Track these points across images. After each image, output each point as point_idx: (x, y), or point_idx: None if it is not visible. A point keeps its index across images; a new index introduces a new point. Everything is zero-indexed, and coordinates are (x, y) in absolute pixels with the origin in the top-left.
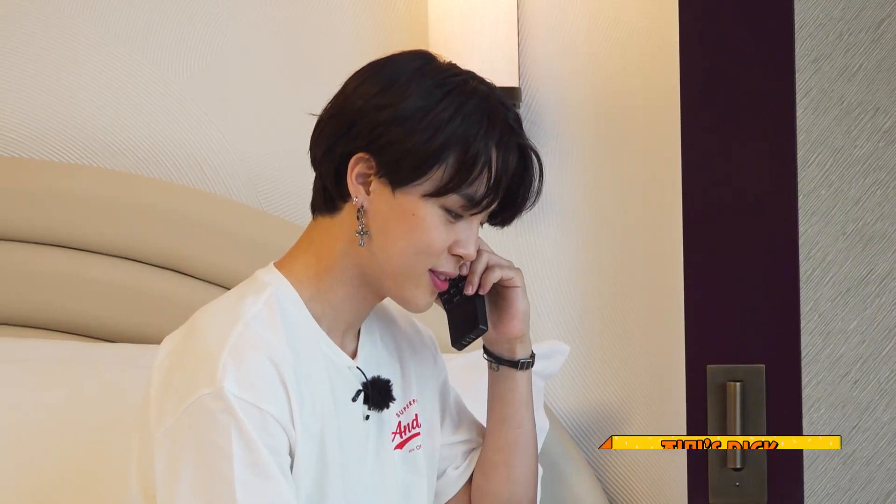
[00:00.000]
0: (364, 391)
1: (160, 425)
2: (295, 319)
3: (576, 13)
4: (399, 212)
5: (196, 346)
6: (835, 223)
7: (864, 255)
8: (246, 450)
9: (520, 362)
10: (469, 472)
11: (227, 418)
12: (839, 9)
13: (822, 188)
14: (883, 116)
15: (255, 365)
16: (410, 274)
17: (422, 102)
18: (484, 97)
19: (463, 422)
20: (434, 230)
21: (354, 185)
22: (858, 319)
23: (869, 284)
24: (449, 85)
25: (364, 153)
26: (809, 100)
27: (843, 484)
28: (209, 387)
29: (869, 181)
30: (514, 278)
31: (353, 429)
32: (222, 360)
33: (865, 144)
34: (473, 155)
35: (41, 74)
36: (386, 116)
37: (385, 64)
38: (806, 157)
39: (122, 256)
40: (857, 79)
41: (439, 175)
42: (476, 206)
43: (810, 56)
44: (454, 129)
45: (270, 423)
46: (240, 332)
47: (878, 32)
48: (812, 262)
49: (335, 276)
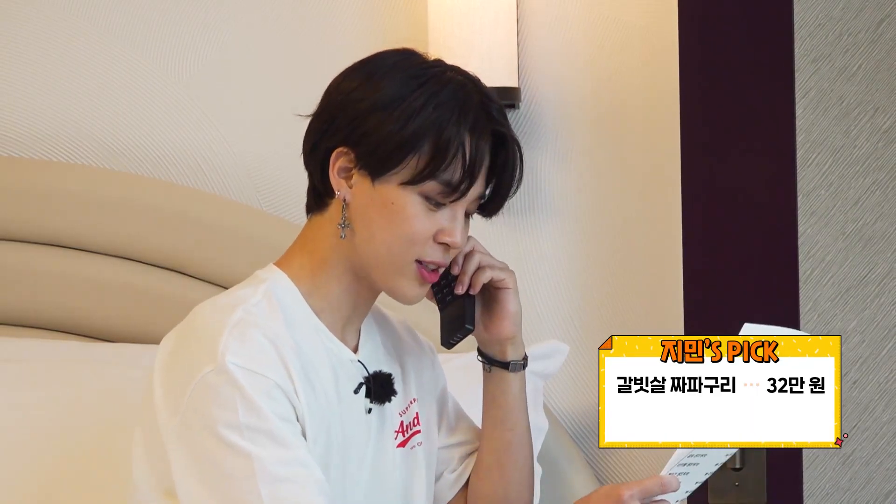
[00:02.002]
0: (366, 385)
1: (169, 418)
2: (294, 312)
3: (575, 13)
4: (379, 202)
5: (196, 334)
6: (834, 223)
7: (864, 255)
8: (255, 418)
9: (510, 363)
10: (465, 475)
11: (231, 390)
12: (838, 9)
13: (822, 188)
14: (882, 116)
15: (257, 340)
16: (396, 264)
17: (396, 93)
18: (460, 86)
19: (460, 425)
20: (414, 219)
21: (336, 179)
22: (858, 319)
23: (868, 284)
24: (425, 76)
25: (344, 147)
26: (809, 100)
27: (842, 484)
28: (211, 364)
29: (868, 181)
30: (506, 280)
31: (355, 421)
32: (223, 338)
33: (865, 145)
34: (446, 140)
35: (41, 74)
36: (363, 108)
37: (367, 60)
38: (805, 157)
39: (121, 256)
40: (856, 79)
41: (414, 163)
42: (454, 191)
43: (810, 56)
44: (426, 116)
45: (274, 390)
46: (240, 316)
47: (877, 33)
48: (811, 262)
49: (328, 272)
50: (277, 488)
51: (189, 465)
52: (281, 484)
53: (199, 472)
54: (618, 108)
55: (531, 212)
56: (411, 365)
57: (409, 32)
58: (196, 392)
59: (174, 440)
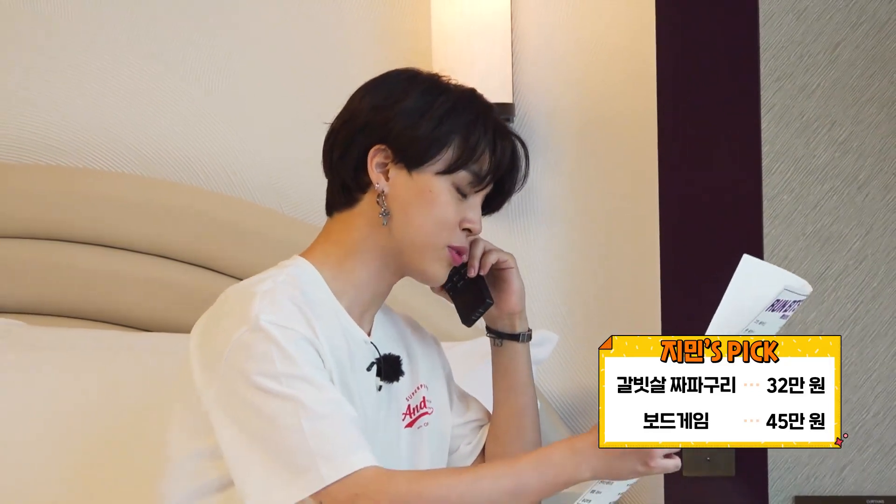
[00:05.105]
0: (377, 364)
1: (208, 385)
2: (315, 292)
3: (563, 36)
4: (417, 190)
5: (225, 310)
6: (795, 225)
7: (822, 254)
8: (290, 366)
9: (520, 335)
10: (480, 445)
11: (266, 344)
12: (800, 33)
13: (785, 194)
14: (839, 129)
15: (286, 303)
16: (431, 247)
17: (422, 99)
18: (470, 94)
19: (471, 405)
20: (448, 205)
21: (375, 173)
22: (817, 311)
23: (826, 280)
24: (440, 86)
25: (381, 144)
26: (773, 114)
27: (803, 458)
28: (245, 325)
29: (826, 188)
30: (509, 260)
31: (367, 396)
32: (255, 302)
33: (823, 155)
34: (476, 137)
35: (83, 92)
36: (395, 112)
37: (383, 78)
38: (770, 166)
39: (154, 254)
40: (815, 96)
41: (448, 155)
42: (481, 182)
43: (774, 75)
44: (455, 118)
45: (303, 342)
46: (270, 286)
47: (834, 54)
48: (775, 260)
49: (357, 258)
50: (318, 424)
51: (231, 420)
52: (321, 420)
53: (241, 423)
54: (602, 122)
55: (524, 215)
56: (418, 353)
57: (413, 53)
58: (232, 353)
59: (214, 403)
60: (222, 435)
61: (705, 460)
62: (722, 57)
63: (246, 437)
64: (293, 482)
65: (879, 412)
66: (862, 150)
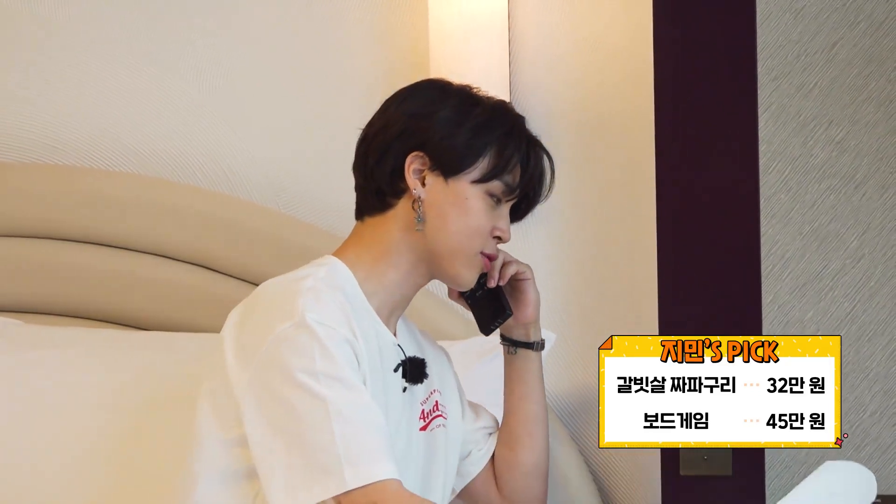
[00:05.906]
0: (403, 366)
1: (241, 373)
2: (350, 292)
3: (560, 36)
4: (453, 197)
5: (265, 301)
6: (793, 224)
7: (819, 253)
8: (330, 365)
9: (535, 343)
10: (491, 450)
11: (309, 340)
12: (796, 32)
13: (782, 193)
14: (836, 128)
15: (329, 302)
16: (465, 253)
17: (458, 110)
18: (505, 108)
19: (480, 413)
20: (482, 213)
21: (412, 178)
22: (814, 310)
23: (823, 279)
24: (474, 98)
25: (418, 151)
26: (770, 114)
27: (800, 457)
28: (289, 321)
29: (823, 187)
30: (526, 272)
31: (393, 397)
32: (301, 299)
33: (820, 154)
34: (511, 149)
35: (83, 92)
36: (433, 122)
37: (415, 87)
38: (767, 165)
39: (154, 253)
40: (812, 95)
41: (484, 164)
42: (512, 192)
43: (771, 74)
44: (491, 129)
45: (344, 343)
46: (313, 284)
47: (831, 53)
48: (772, 259)
49: (390, 260)
50: (347, 428)
51: (259, 411)
52: (350, 424)
53: (269, 415)
54: (600, 121)
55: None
56: (432, 361)
57: (412, 53)
58: (272, 346)
59: (246, 392)
60: (250, 425)
61: (702, 459)
62: (720, 56)
63: (274, 431)
64: (317, 482)
65: (876, 411)
66: (859, 149)
